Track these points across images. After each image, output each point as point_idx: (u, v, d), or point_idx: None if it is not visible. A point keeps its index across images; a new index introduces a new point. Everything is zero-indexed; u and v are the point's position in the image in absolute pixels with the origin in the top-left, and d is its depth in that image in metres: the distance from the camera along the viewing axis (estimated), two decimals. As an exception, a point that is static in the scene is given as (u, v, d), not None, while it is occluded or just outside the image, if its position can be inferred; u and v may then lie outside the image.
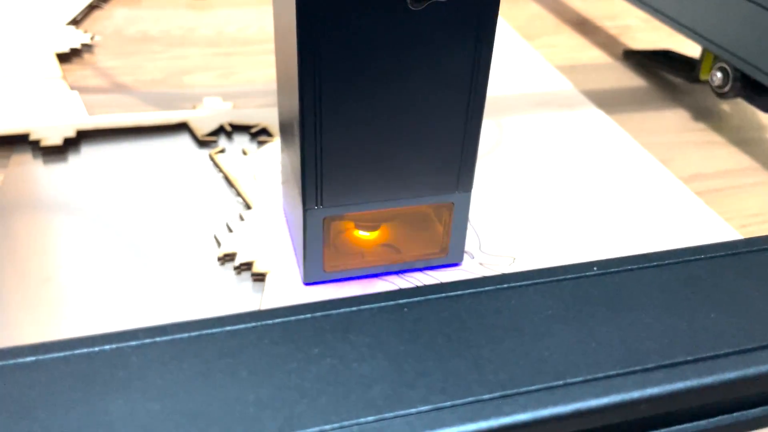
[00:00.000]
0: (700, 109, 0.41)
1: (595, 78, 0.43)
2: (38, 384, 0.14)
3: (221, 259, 0.27)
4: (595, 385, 0.15)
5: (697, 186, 0.34)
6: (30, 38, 0.42)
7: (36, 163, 0.32)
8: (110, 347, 0.15)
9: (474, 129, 0.23)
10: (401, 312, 0.17)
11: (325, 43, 0.19)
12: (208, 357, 0.15)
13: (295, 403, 0.14)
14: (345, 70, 0.20)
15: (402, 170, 0.23)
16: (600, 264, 0.19)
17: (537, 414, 0.14)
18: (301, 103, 0.20)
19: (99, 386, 0.14)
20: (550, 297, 0.17)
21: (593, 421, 0.15)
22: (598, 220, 0.30)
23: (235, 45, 0.44)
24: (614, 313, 0.17)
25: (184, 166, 0.33)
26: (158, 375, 0.15)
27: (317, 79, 0.20)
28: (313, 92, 0.20)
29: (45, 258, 0.26)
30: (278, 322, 0.16)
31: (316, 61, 0.19)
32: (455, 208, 0.25)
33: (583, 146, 0.36)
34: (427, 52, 0.20)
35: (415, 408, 0.14)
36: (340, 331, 0.16)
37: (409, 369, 0.15)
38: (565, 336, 0.16)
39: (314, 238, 0.24)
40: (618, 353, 0.16)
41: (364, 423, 0.14)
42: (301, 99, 0.20)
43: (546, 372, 0.15)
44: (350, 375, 0.15)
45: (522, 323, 0.16)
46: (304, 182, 0.22)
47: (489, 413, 0.14)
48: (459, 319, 0.17)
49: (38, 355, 0.15)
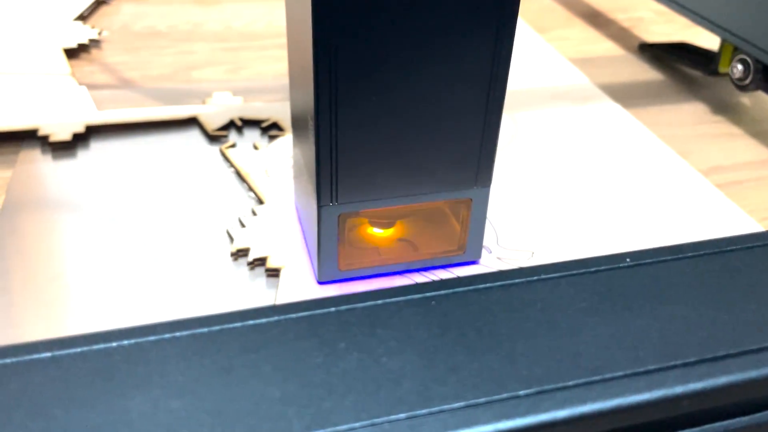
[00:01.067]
0: (718, 102, 0.40)
1: (610, 71, 0.42)
2: (55, 381, 0.14)
3: (234, 255, 0.26)
4: (636, 380, 0.14)
5: (716, 178, 0.33)
6: (37, 34, 0.41)
7: (45, 158, 0.32)
8: (128, 342, 0.15)
9: (494, 122, 0.22)
10: (429, 305, 0.16)
11: (341, 35, 0.18)
12: (230, 352, 0.15)
13: (323, 399, 0.14)
14: (362, 62, 0.19)
15: (420, 165, 0.22)
16: (633, 255, 0.18)
17: (577, 410, 0.14)
18: (316, 96, 0.19)
19: (118, 383, 0.14)
20: (583, 289, 0.17)
21: (634, 418, 0.14)
22: (617, 213, 0.30)
23: (244, 40, 0.43)
24: (651, 306, 0.16)
25: (194, 161, 0.32)
26: (179, 371, 0.14)
27: (333, 72, 0.19)
28: (329, 85, 0.19)
29: (54, 254, 0.26)
30: (302, 315, 0.16)
31: (332, 53, 0.19)
32: (473, 203, 0.24)
33: (599, 139, 0.35)
34: (447, 44, 0.19)
35: (448, 405, 0.14)
36: (366, 325, 0.16)
37: (439, 364, 0.15)
38: (600, 329, 0.16)
39: (329, 236, 0.23)
40: (657, 347, 0.15)
41: (396, 420, 0.14)
42: (316, 92, 0.19)
43: (583, 367, 0.15)
44: (379, 370, 0.14)
45: (555, 316, 0.16)
46: (318, 178, 0.21)
47: (526, 410, 0.14)
48: (489, 313, 0.16)
49: (54, 351, 0.14)
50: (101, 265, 0.25)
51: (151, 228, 0.28)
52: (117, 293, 0.24)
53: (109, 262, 0.26)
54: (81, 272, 0.25)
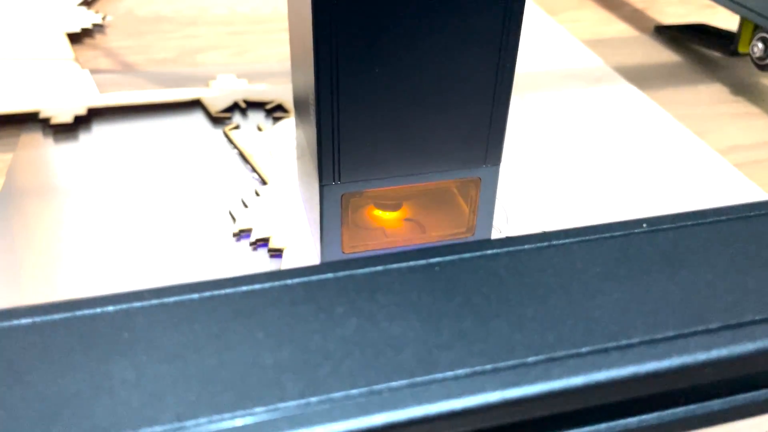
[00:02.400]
0: (737, 83, 0.39)
1: (624, 52, 0.41)
2: (34, 347, 0.13)
3: (236, 235, 0.26)
4: (655, 346, 0.13)
5: (734, 158, 0.32)
6: (41, 18, 0.41)
7: (46, 141, 0.31)
8: (114, 308, 0.14)
9: (504, 95, 0.21)
10: (433, 271, 0.15)
11: (341, 5, 0.17)
12: (221, 318, 0.14)
13: (318, 366, 0.13)
14: (363, 33, 0.18)
15: (426, 142, 0.21)
16: (650, 221, 0.17)
17: (591, 378, 0.13)
18: (316, 69, 0.18)
19: (101, 349, 0.13)
20: (597, 254, 0.15)
21: (653, 387, 0.13)
22: (632, 192, 0.29)
23: (248, 24, 0.43)
24: (671, 271, 0.15)
25: (197, 143, 0.31)
26: (167, 337, 0.13)
27: (333, 44, 0.18)
28: (329, 58, 0.18)
29: (55, 236, 0.25)
30: (298, 282, 0.15)
31: (333, 26, 0.18)
32: (482, 183, 0.23)
33: (613, 118, 0.34)
34: (454, 11, 0.18)
35: (452, 371, 0.13)
36: (366, 290, 0.15)
37: (443, 330, 0.14)
38: (617, 294, 0.14)
39: (332, 217, 0.22)
40: (678, 313, 0.14)
41: (396, 388, 0.13)
42: (317, 65, 0.18)
43: (598, 333, 0.14)
44: (378, 336, 0.14)
45: (568, 282, 0.15)
46: (320, 155, 0.20)
47: (536, 377, 0.13)
48: (498, 278, 0.15)
49: (35, 317, 0.14)
50: (103, 247, 0.25)
51: (154, 209, 0.27)
52: (119, 274, 0.24)
53: (110, 244, 0.25)
54: (82, 254, 0.24)
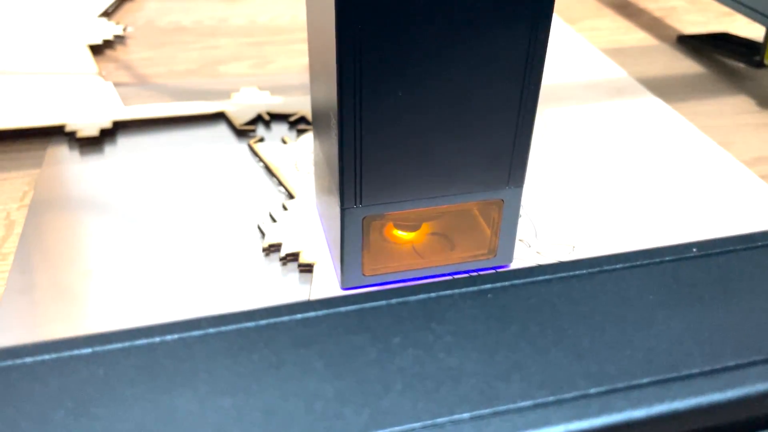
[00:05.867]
0: (763, 94, 0.38)
1: (645, 62, 0.41)
2: (96, 378, 0.13)
3: (266, 250, 0.26)
4: (716, 377, 0.13)
5: (761, 169, 0.32)
6: (62, 31, 0.41)
7: (72, 155, 0.31)
8: (172, 338, 0.14)
9: (528, 117, 0.20)
10: (485, 298, 0.15)
11: (366, 26, 0.17)
12: (279, 348, 0.14)
13: (379, 397, 0.13)
14: (388, 55, 0.18)
15: (449, 164, 0.20)
16: (700, 245, 0.17)
17: (654, 410, 0.13)
18: (339, 92, 0.18)
19: (163, 380, 0.13)
20: (649, 281, 0.15)
21: (715, 418, 0.13)
22: (658, 204, 0.29)
23: (268, 34, 0.43)
24: (725, 298, 0.15)
25: (222, 156, 0.31)
26: (226, 367, 0.13)
27: (357, 66, 0.18)
28: (353, 80, 0.18)
29: (82, 250, 0.25)
30: (351, 309, 0.15)
31: (357, 46, 0.17)
32: (505, 204, 0.22)
33: (636, 130, 0.34)
34: (479, 33, 0.18)
35: (513, 403, 0.13)
36: (420, 318, 0.15)
37: (501, 360, 0.14)
38: (673, 323, 0.14)
39: (353, 240, 0.21)
40: (736, 342, 0.14)
41: (458, 420, 0.13)
42: (340, 87, 0.18)
43: (658, 363, 0.14)
44: (437, 367, 0.14)
45: (622, 310, 0.15)
46: (342, 179, 0.20)
47: (599, 410, 0.13)
48: (551, 306, 0.15)
49: (95, 347, 0.14)
50: (130, 262, 0.25)
51: (181, 224, 0.27)
52: (147, 290, 0.24)
53: (138, 259, 0.25)
54: (109, 269, 0.24)
